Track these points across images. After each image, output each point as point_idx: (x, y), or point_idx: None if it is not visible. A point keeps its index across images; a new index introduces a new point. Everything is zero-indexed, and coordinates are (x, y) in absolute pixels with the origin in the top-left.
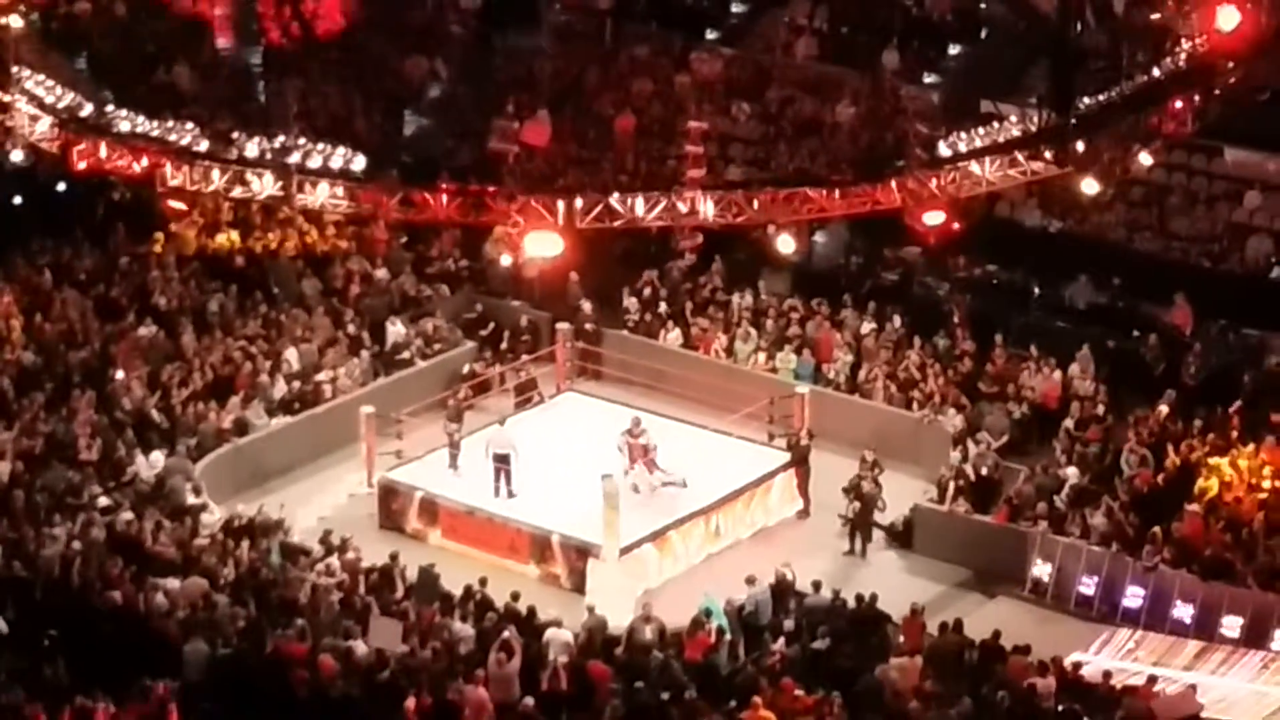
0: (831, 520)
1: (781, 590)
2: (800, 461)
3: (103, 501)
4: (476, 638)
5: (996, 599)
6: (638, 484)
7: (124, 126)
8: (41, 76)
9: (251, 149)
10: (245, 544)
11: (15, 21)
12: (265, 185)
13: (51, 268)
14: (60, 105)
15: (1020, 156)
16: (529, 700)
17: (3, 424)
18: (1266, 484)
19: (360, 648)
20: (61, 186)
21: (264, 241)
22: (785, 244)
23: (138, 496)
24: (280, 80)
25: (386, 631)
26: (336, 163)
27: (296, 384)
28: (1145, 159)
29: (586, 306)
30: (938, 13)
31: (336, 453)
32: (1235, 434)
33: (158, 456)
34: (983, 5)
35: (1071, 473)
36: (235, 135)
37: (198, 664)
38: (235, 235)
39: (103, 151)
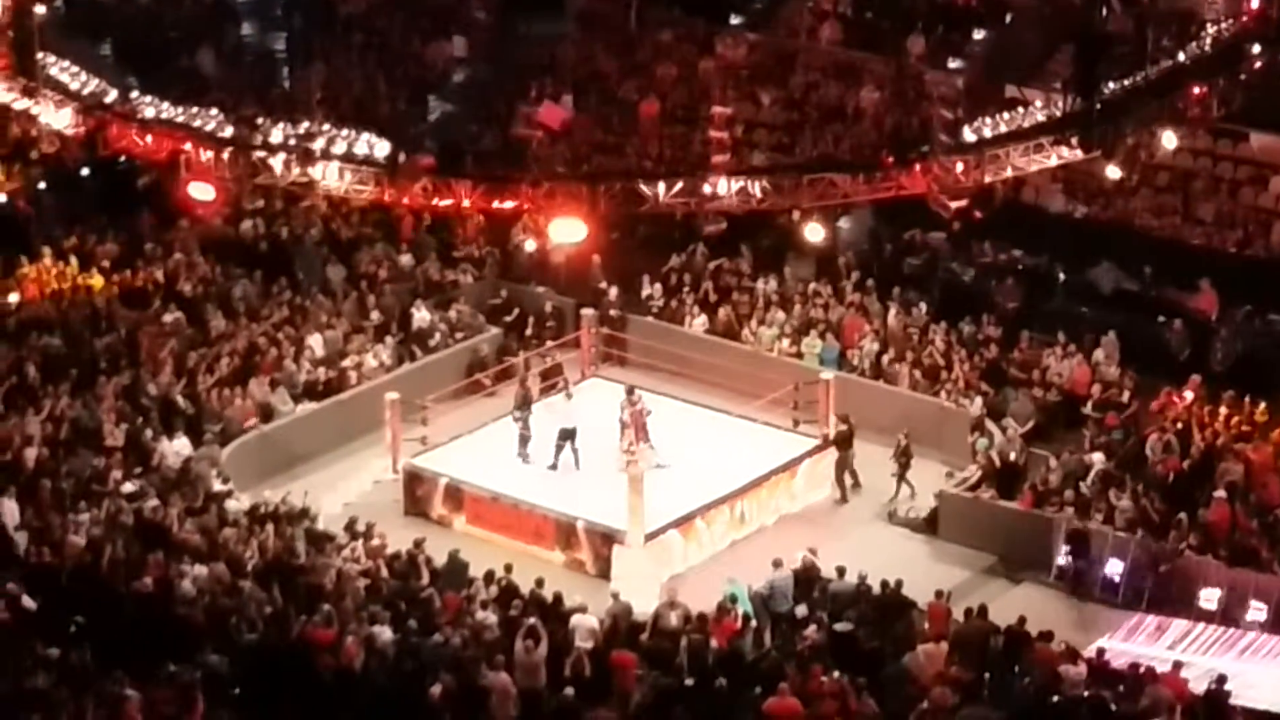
0: (858, 506)
1: (807, 576)
2: (843, 445)
3: (128, 488)
4: (502, 624)
5: (1021, 585)
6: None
7: (149, 112)
8: (66, 63)
9: (276, 135)
10: (270, 530)
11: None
12: (290, 171)
13: (77, 254)
14: (85, 92)
15: (1045, 142)
16: (569, 690)
17: (30, 410)
18: None
19: (386, 634)
20: (86, 173)
21: (288, 227)
22: (813, 232)
23: (163, 483)
24: (304, 66)
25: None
26: (360, 149)
27: (322, 370)
28: (1170, 143)
29: (612, 292)
30: None
31: (362, 439)
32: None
33: (182, 442)
34: None
35: (1097, 458)
36: (259, 121)
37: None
38: (259, 221)
39: (128, 138)
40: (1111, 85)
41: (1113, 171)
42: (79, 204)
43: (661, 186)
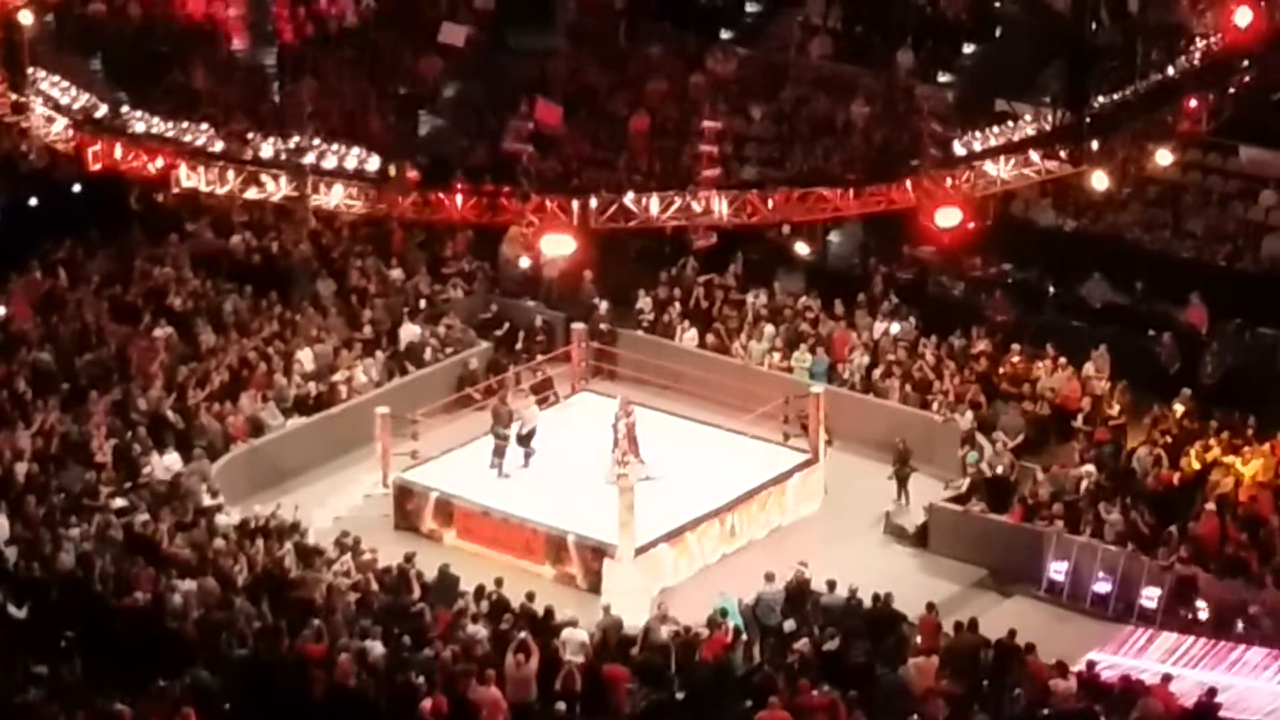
0: (847, 520)
1: (798, 590)
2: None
3: (118, 502)
4: (492, 639)
5: (1012, 598)
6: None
7: (139, 127)
8: (57, 77)
9: (266, 150)
10: (260, 545)
11: (26, 18)
12: (280, 186)
13: (66, 268)
14: (75, 106)
15: (1035, 155)
16: (561, 705)
17: (20, 424)
18: None
19: (376, 648)
20: (77, 188)
21: (279, 242)
22: (802, 247)
23: (153, 497)
24: (295, 81)
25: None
26: (351, 163)
27: (312, 384)
28: (1164, 160)
29: (602, 306)
30: (952, 12)
31: (352, 453)
32: (1250, 432)
33: (172, 457)
34: (997, 4)
35: (1087, 471)
36: (250, 136)
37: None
38: (249, 235)
39: (118, 152)
40: (1101, 99)
41: (1098, 183)
42: (70, 218)
43: (653, 201)
